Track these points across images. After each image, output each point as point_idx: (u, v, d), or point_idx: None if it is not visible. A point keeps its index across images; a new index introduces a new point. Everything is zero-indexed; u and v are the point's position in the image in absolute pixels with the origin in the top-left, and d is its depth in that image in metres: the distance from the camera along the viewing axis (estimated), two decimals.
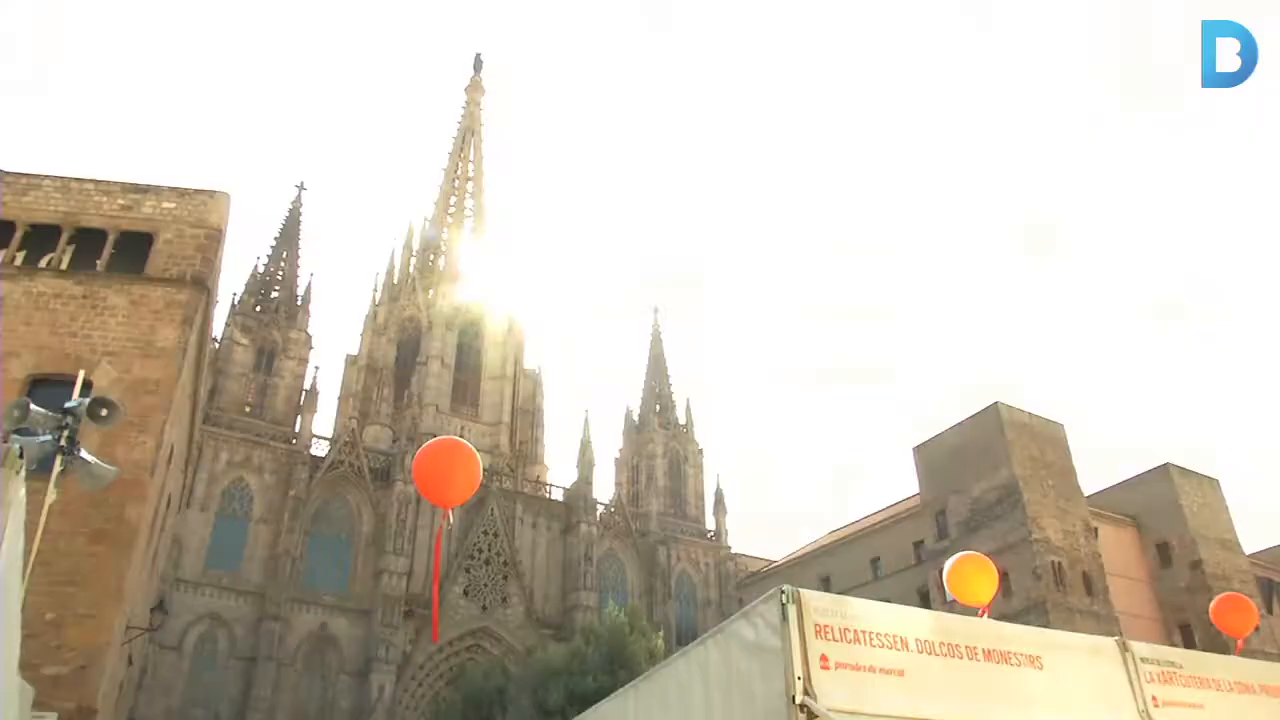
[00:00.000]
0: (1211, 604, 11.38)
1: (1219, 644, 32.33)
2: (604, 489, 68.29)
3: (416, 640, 52.90)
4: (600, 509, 64.86)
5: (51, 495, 9.43)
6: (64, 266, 22.81)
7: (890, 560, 57.23)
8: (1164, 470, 57.33)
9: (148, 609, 27.23)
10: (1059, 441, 53.29)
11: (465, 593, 55.09)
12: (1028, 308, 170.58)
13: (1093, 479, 56.97)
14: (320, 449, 57.61)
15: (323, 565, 54.31)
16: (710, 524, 69.81)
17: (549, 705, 33.73)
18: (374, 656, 50.97)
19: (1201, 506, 56.64)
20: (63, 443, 9.25)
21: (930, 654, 5.62)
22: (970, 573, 8.97)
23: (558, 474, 78.21)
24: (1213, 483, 59.28)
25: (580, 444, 66.40)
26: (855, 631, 5.32)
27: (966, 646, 5.85)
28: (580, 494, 63.51)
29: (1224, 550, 55.55)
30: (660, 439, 72.08)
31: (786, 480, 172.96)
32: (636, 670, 29.65)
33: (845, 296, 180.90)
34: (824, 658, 5.06)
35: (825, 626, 5.18)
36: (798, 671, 4.92)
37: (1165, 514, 55.49)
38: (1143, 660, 6.88)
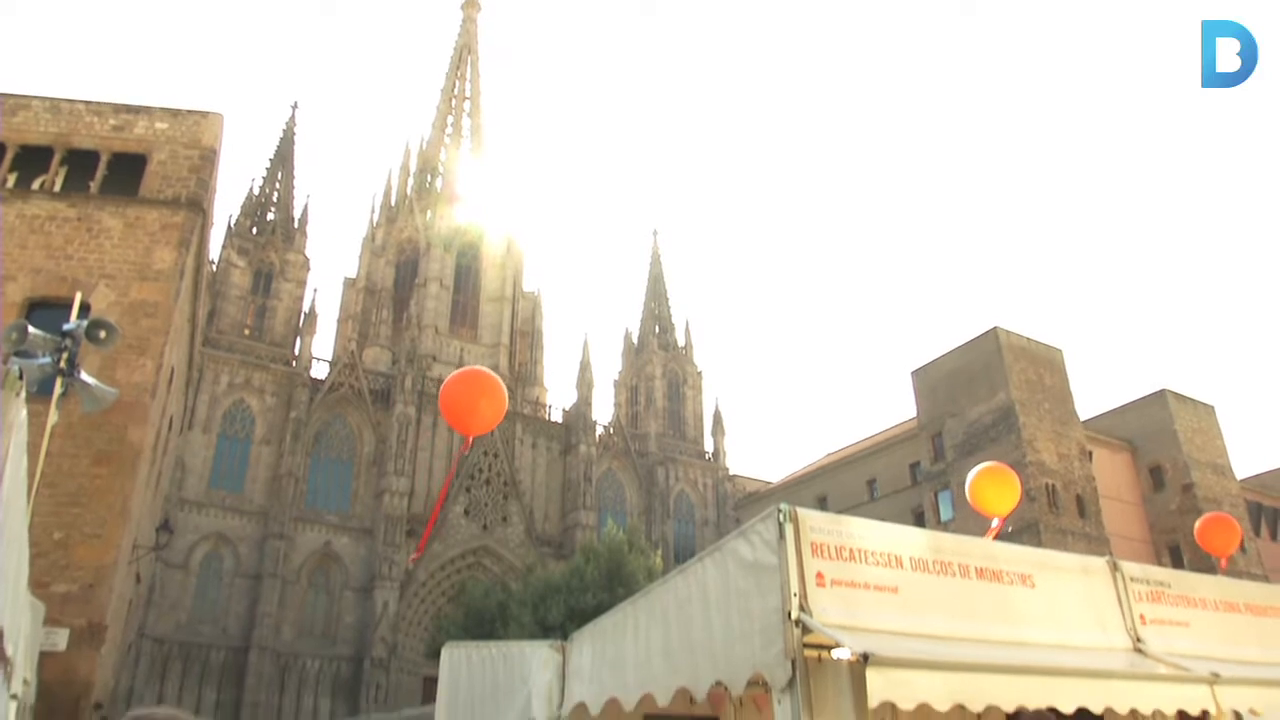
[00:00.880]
0: (1196, 524, 11.53)
1: (1206, 565, 32.86)
2: (603, 410, 68.89)
3: (418, 558, 53.80)
4: (599, 430, 65.40)
5: (53, 417, 9.49)
6: (57, 189, 22.59)
7: (886, 482, 57.83)
8: (1161, 396, 57.60)
9: (153, 528, 27.59)
10: (1057, 366, 53.43)
11: (466, 512, 55.82)
12: (1032, 231, 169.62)
13: (1092, 405, 57.38)
14: (320, 371, 57.81)
15: (325, 486, 55.00)
16: (709, 445, 70.42)
17: (549, 621, 34.36)
18: (377, 574, 51.93)
19: (1196, 432, 57.04)
20: (62, 365, 9.27)
21: (924, 572, 5.71)
22: (993, 483, 9.02)
23: (557, 396, 78.77)
24: (1208, 409, 59.61)
25: (579, 366, 66.63)
26: (851, 550, 5.38)
27: (959, 565, 5.93)
28: (579, 415, 63.94)
29: (1216, 474, 56.11)
30: (659, 361, 72.31)
31: (785, 403, 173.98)
32: (635, 588, 30.18)
33: (846, 221, 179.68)
34: (820, 575, 5.14)
35: (821, 545, 5.24)
36: (794, 588, 5.00)
37: (1160, 438, 55.92)
38: (1132, 580, 6.99)
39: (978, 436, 50.23)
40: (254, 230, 61.17)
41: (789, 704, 4.96)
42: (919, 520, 50.19)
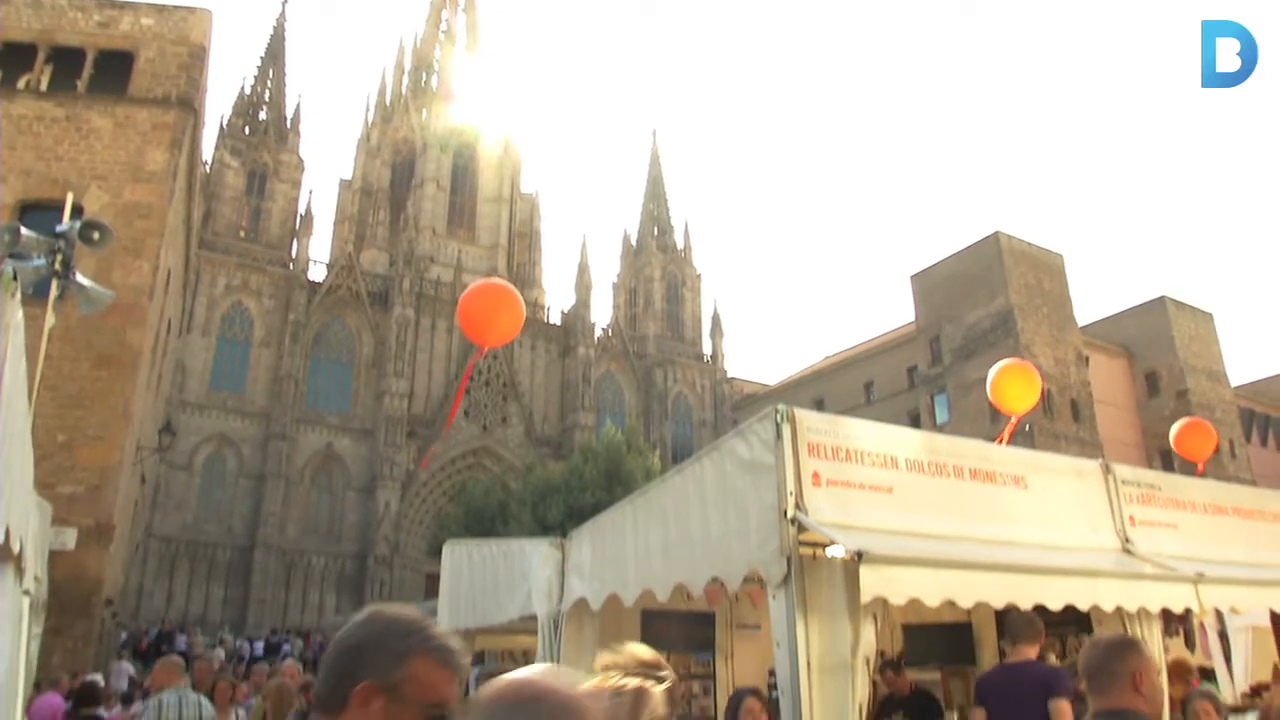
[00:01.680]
0: (1173, 430, 11.55)
1: (1194, 470, 33.17)
2: (601, 313, 68.83)
3: (419, 458, 54.49)
4: (598, 332, 65.44)
5: (50, 319, 9.47)
6: (43, 88, 22.13)
7: (883, 385, 58.13)
8: (1159, 303, 57.53)
9: (156, 430, 27.83)
10: (1057, 271, 53.24)
11: (466, 413, 56.30)
12: (1035, 136, 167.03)
13: (1091, 312, 57.25)
14: (317, 274, 57.57)
15: (325, 387, 55.33)
16: (707, 347, 70.56)
17: (548, 520, 34.91)
18: (378, 474, 52.66)
19: (1193, 339, 57.14)
20: (57, 267, 9.21)
21: (918, 472, 5.77)
22: (1015, 379, 9.02)
23: (556, 298, 78.68)
24: (1207, 316, 59.60)
25: (578, 268, 66.36)
26: (847, 450, 5.43)
27: (954, 466, 5.99)
28: (578, 317, 63.94)
29: (1211, 381, 56.42)
30: (658, 262, 71.97)
31: (784, 306, 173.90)
32: (633, 487, 30.52)
33: (848, 123, 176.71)
34: (815, 474, 5.19)
35: (817, 445, 5.28)
36: (790, 487, 5.05)
37: (1157, 345, 56.04)
38: (1124, 482, 7.07)
39: (975, 341, 50.35)
40: (246, 130, 60.18)
41: (784, 599, 5.07)
42: (915, 423, 50.59)
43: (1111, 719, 2.82)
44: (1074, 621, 6.58)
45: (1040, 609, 5.58)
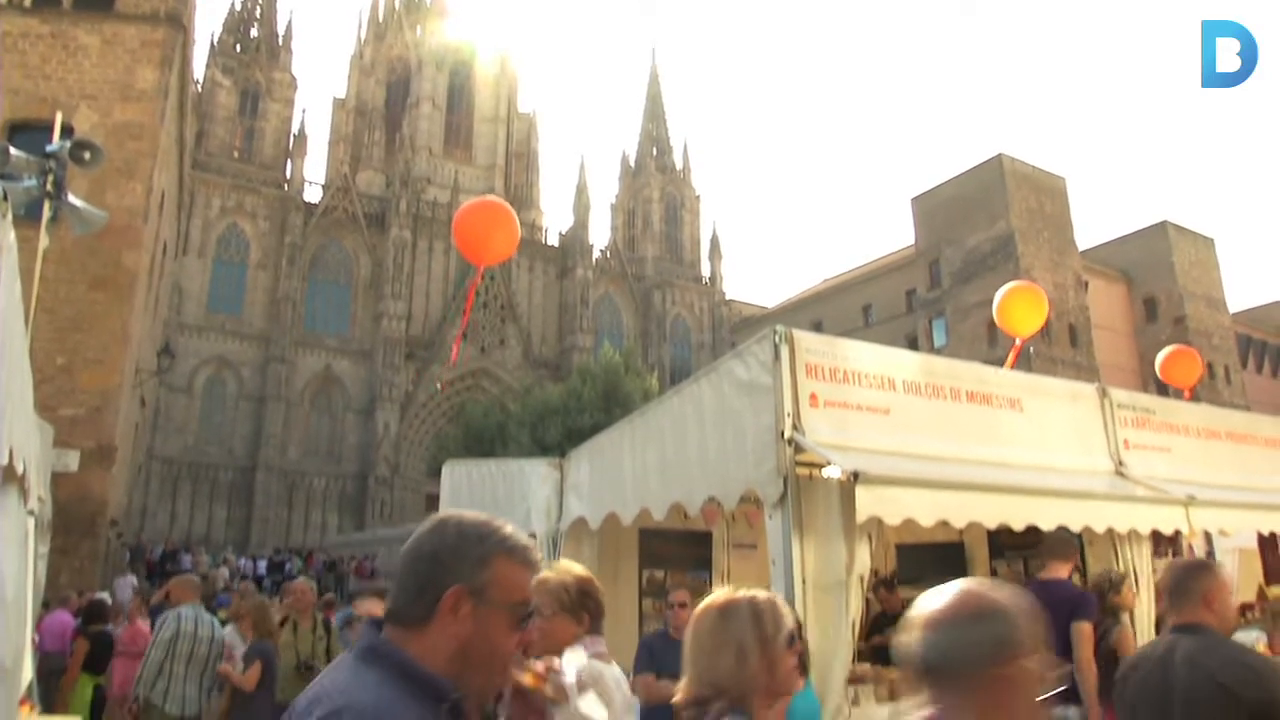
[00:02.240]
0: (1159, 358, 11.59)
1: (1184, 397, 33.27)
2: (599, 234, 68.45)
3: (418, 380, 54.69)
4: (596, 254, 65.12)
5: (44, 241, 9.38)
6: (27, 3, 21.60)
7: (881, 308, 58.05)
8: (1161, 227, 57.11)
9: (155, 353, 27.84)
10: (1059, 194, 52.74)
11: (464, 335, 56.36)
12: (1039, 59, 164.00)
13: (1092, 236, 56.87)
14: (313, 195, 57.12)
15: (323, 309, 55.28)
16: (705, 269, 70.30)
17: (546, 441, 35.17)
18: (378, 395, 52.95)
19: (1193, 264, 56.88)
20: (48, 188, 9.09)
21: (915, 394, 5.79)
22: (1022, 301, 9.00)
23: (553, 219, 78.19)
24: (1208, 241, 59.20)
25: (576, 188, 65.81)
26: (844, 371, 5.44)
27: (950, 388, 6.01)
28: (576, 238, 63.60)
29: (1209, 308, 56.34)
30: (657, 183, 71.30)
31: (783, 228, 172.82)
32: (631, 409, 30.55)
33: (850, 43, 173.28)
34: (813, 396, 5.21)
35: (815, 366, 5.29)
36: (787, 408, 5.07)
37: (1157, 270, 55.79)
38: (1119, 406, 7.12)
39: (975, 265, 50.12)
40: (238, 48, 59.05)
41: (780, 519, 5.13)
42: (912, 347, 50.47)
43: (1185, 631, 3.22)
44: (1034, 545, 6.67)
45: (1005, 530, 5.65)
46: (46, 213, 9.33)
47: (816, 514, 5.19)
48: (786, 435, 5.05)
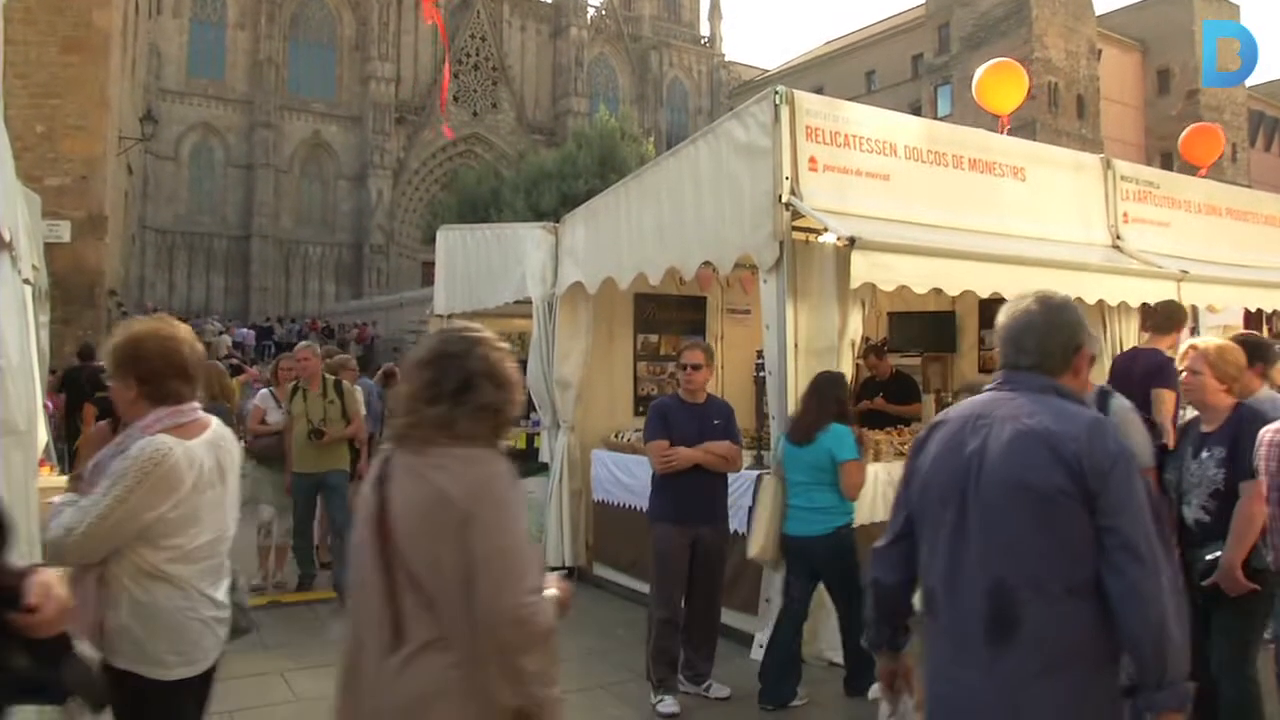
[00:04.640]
0: (1181, 136, 11.41)
1: (1194, 173, 32.74)
2: None
3: (409, 146, 53.55)
4: (591, 12, 62.10)
5: None
6: None
7: (885, 74, 56.07)
8: None
9: (137, 119, 27.01)
10: None
11: (455, 98, 54.52)
12: None
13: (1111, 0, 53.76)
14: None
15: (307, 72, 53.13)
16: (704, 30, 67.44)
17: (541, 207, 34.81)
18: (369, 162, 51.97)
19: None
20: None
21: (917, 160, 5.70)
22: (999, 78, 8.73)
23: None
24: (1233, 9, 56.31)
25: None
26: (845, 135, 5.32)
27: (953, 155, 5.91)
28: None
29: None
30: None
31: None
32: (627, 174, 30.09)
33: None
34: (813, 160, 5.12)
35: (816, 129, 5.17)
36: (786, 172, 5.00)
37: (1175, 39, 53.31)
38: (1122, 179, 7.04)
39: (986, 29, 48.00)
40: None
41: (774, 284, 5.16)
42: (916, 115, 49.19)
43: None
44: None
45: (997, 300, 5.66)
46: None
47: (811, 279, 5.22)
48: (784, 199, 5.01)
